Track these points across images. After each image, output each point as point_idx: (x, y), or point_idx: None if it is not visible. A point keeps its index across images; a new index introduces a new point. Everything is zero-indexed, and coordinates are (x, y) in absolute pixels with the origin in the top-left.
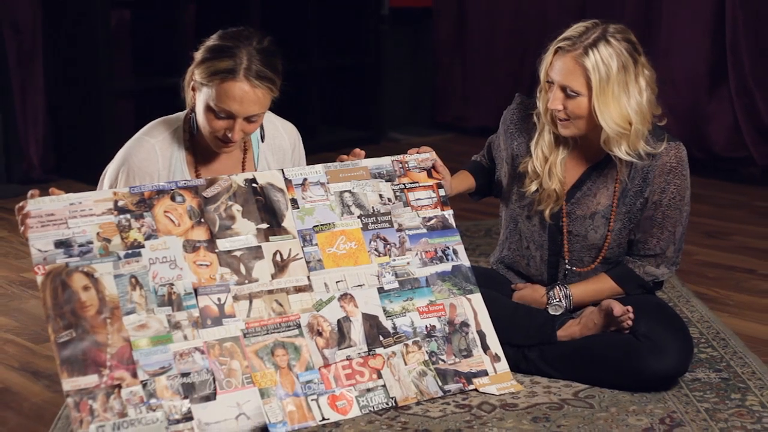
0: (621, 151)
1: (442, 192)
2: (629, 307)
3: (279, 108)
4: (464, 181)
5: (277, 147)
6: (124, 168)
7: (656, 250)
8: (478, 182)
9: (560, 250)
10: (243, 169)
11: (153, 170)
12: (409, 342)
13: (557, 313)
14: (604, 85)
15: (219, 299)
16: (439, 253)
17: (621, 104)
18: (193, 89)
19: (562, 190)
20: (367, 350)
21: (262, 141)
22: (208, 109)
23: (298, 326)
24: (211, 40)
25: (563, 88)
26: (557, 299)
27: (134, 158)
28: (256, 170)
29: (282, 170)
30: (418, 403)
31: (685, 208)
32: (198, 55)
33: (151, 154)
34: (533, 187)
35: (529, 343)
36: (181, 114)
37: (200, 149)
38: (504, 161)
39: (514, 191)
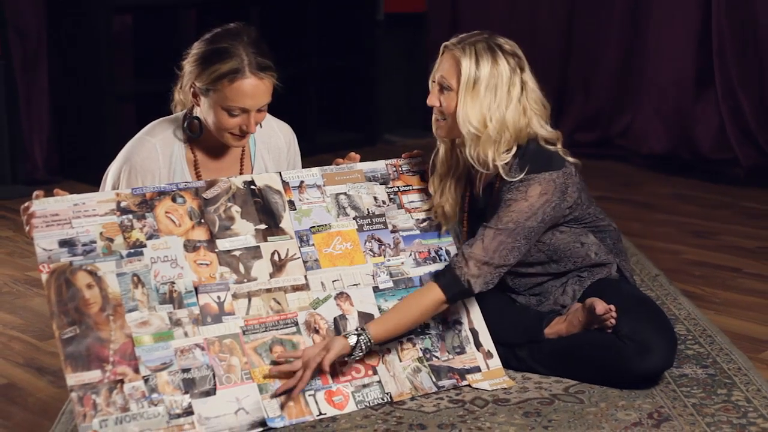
0: (468, 152)
1: None
2: (611, 306)
3: (278, 110)
4: None
5: (273, 146)
6: (126, 167)
7: (467, 243)
8: None
9: None
10: (241, 166)
11: (154, 168)
12: (404, 339)
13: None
14: (471, 83)
15: (219, 297)
16: (432, 254)
17: (483, 106)
18: (195, 96)
19: (452, 211)
20: None
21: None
22: (221, 110)
23: (296, 324)
24: (202, 46)
25: (440, 83)
26: (360, 349)
27: (136, 157)
28: (252, 168)
29: (280, 173)
30: (412, 399)
31: (509, 215)
32: (192, 65)
33: (152, 152)
34: (426, 205)
35: (517, 341)
36: (180, 114)
37: (199, 147)
38: None
39: None
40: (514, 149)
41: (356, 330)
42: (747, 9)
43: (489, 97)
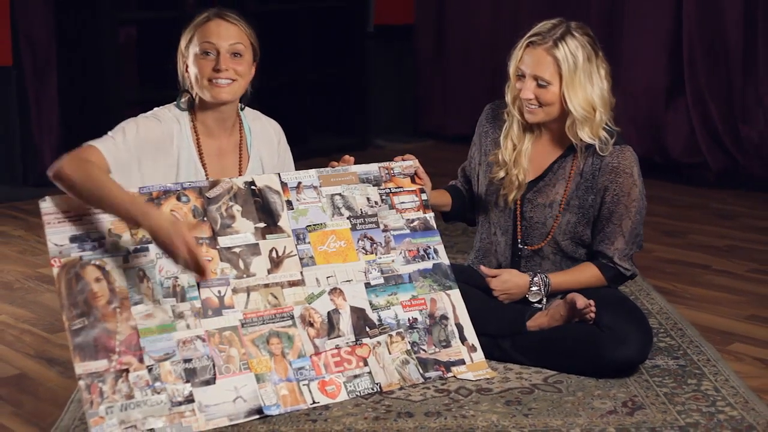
0: (585, 134)
1: (424, 196)
2: (591, 301)
3: (274, 116)
4: (441, 197)
5: (265, 137)
6: (151, 115)
7: (606, 242)
8: (453, 203)
9: (521, 233)
10: (240, 152)
11: (172, 129)
12: (393, 333)
13: (535, 300)
14: (572, 75)
15: (219, 292)
16: (421, 252)
17: (587, 91)
18: (186, 67)
19: (524, 179)
20: (354, 340)
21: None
22: (198, 56)
23: (292, 317)
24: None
25: (535, 78)
26: (537, 287)
27: (159, 113)
28: (249, 155)
29: (278, 174)
30: (400, 389)
31: (633, 204)
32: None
33: (170, 117)
34: (501, 173)
35: (501, 333)
36: (180, 101)
37: (202, 130)
38: (478, 163)
39: (486, 182)
40: None
41: (536, 272)
42: (716, 22)
43: (587, 82)
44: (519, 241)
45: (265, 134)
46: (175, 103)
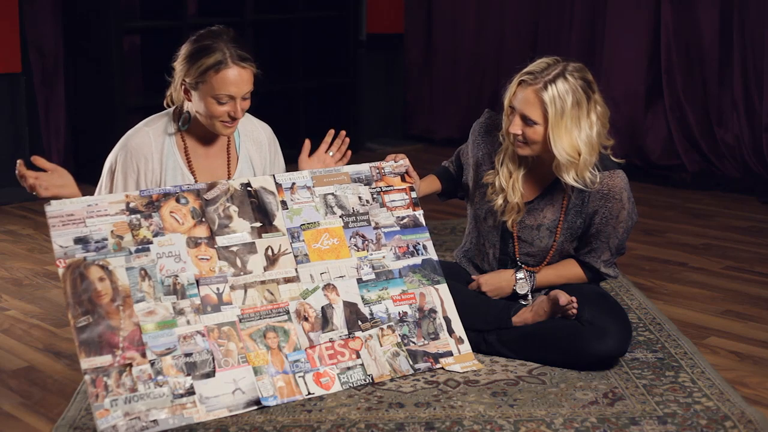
0: (569, 178)
1: (413, 194)
2: (573, 298)
3: (272, 120)
4: (431, 184)
5: (255, 139)
6: (122, 151)
7: (593, 254)
8: (443, 186)
9: (510, 251)
10: (228, 154)
11: (147, 152)
12: (384, 326)
13: (523, 292)
14: (558, 118)
15: (218, 289)
16: (411, 248)
17: (572, 136)
18: (186, 92)
19: (522, 202)
20: (347, 333)
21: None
22: (211, 99)
23: (287, 312)
24: (189, 46)
25: (523, 117)
26: (524, 278)
27: (131, 142)
28: (238, 156)
29: (273, 175)
30: (392, 380)
31: (620, 225)
32: (181, 64)
33: (145, 139)
34: (500, 200)
35: (487, 327)
36: (170, 109)
37: (189, 135)
38: (470, 167)
39: (477, 196)
40: None
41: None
42: (693, 32)
43: (575, 127)
44: (518, 259)
45: (254, 135)
46: (164, 112)
